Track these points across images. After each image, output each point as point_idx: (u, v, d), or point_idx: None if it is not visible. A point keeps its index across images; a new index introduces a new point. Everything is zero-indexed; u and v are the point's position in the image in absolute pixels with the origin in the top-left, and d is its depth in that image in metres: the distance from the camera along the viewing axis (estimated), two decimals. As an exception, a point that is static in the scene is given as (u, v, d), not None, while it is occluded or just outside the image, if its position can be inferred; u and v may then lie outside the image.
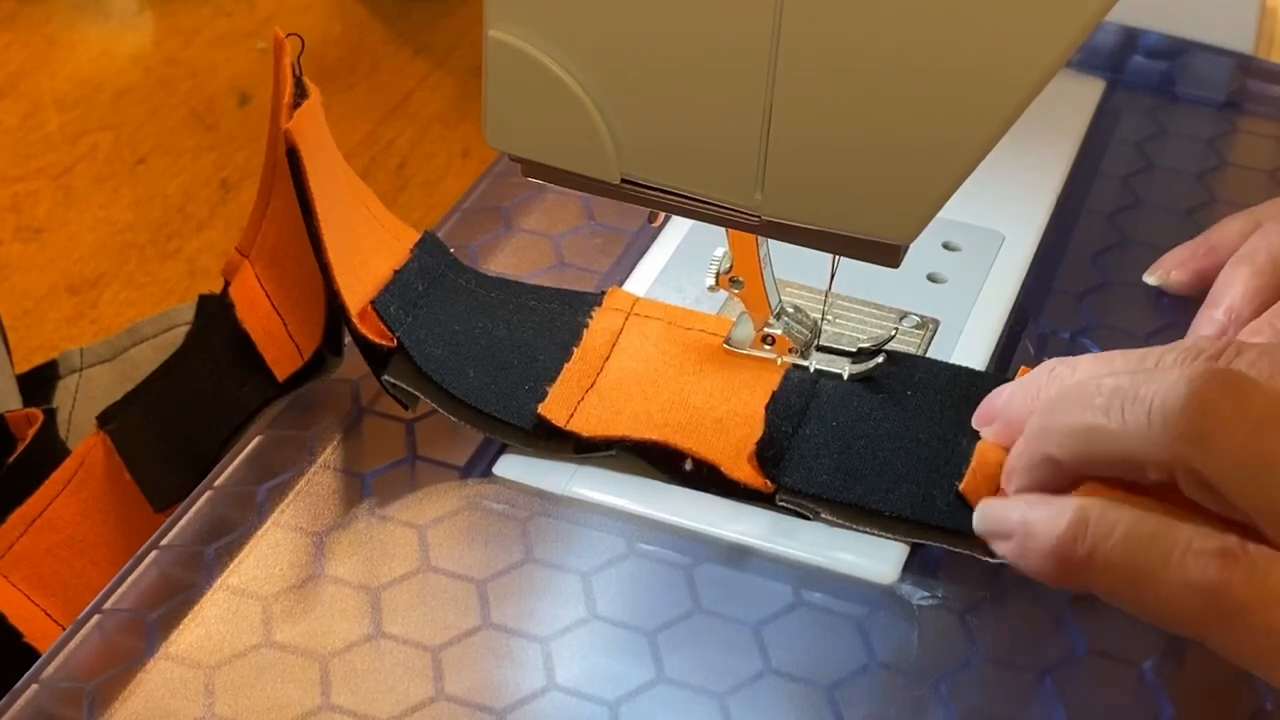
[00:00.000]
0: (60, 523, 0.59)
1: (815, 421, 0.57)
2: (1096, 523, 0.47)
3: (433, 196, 0.83)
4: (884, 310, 0.63)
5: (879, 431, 0.57)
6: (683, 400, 0.58)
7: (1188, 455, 0.46)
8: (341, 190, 0.60)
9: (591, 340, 0.60)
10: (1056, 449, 0.50)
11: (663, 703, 0.50)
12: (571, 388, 0.58)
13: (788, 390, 0.58)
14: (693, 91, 0.51)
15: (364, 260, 0.59)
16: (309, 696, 0.50)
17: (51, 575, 0.57)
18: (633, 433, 0.57)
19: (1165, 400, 0.47)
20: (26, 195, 0.82)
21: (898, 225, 0.51)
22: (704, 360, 0.60)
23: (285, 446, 0.58)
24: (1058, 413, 0.50)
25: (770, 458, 0.55)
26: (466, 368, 0.58)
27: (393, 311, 0.58)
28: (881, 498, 0.55)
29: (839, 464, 0.56)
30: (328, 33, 0.93)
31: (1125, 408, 0.47)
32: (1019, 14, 0.48)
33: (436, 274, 0.61)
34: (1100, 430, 0.48)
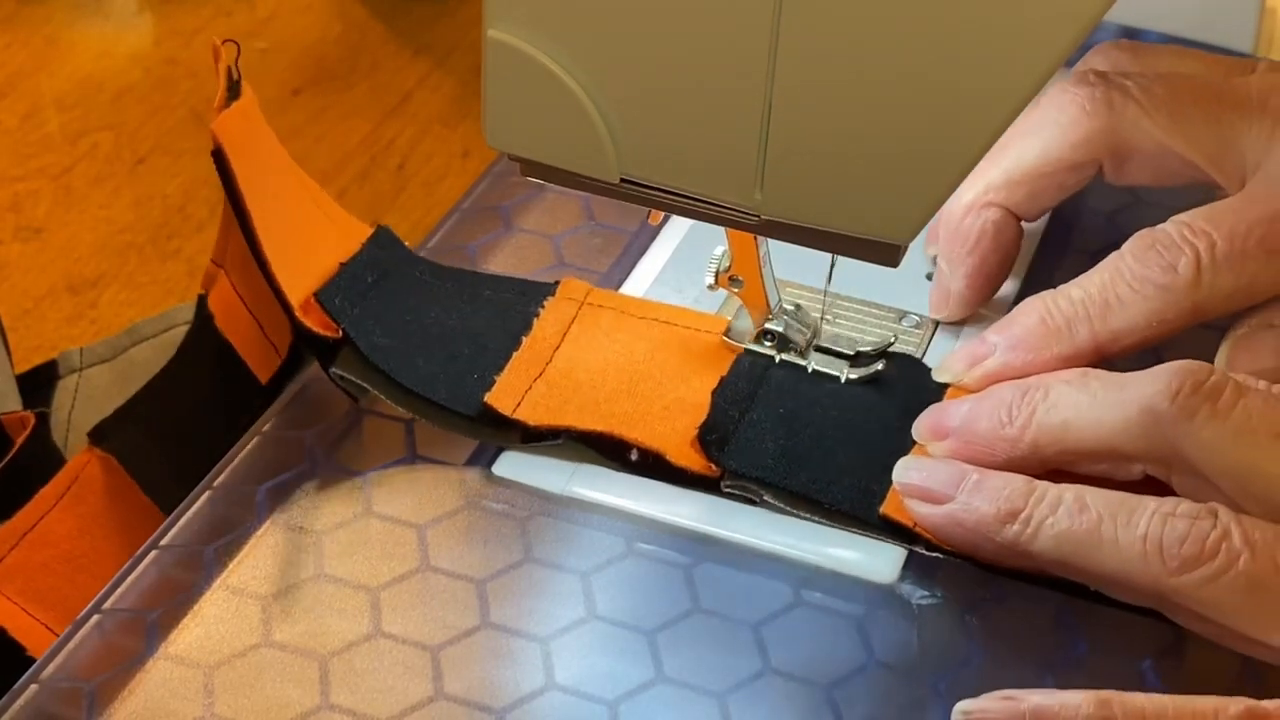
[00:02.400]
0: (55, 537, 0.59)
1: (762, 408, 0.57)
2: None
3: (433, 196, 0.83)
4: (883, 310, 0.63)
5: (825, 420, 0.57)
6: (631, 389, 0.58)
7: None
8: (287, 188, 0.61)
9: (542, 329, 0.60)
10: (1038, 440, 0.52)
11: (662, 702, 0.50)
12: (519, 376, 0.58)
13: (736, 376, 0.58)
14: (692, 91, 0.51)
15: (311, 255, 0.60)
16: (308, 696, 0.50)
17: (49, 589, 0.57)
18: (579, 423, 0.57)
19: (1150, 391, 0.49)
20: (26, 195, 0.82)
21: (897, 225, 0.51)
22: (655, 348, 0.60)
23: (285, 446, 0.58)
24: (1040, 410, 0.52)
25: (713, 441, 0.56)
26: (415, 358, 0.58)
27: (338, 303, 0.58)
28: (823, 488, 0.55)
29: (784, 450, 0.56)
30: (328, 33, 0.93)
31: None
32: (1018, 14, 0.48)
33: (387, 266, 0.61)
34: (1085, 421, 0.50)
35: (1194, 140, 0.58)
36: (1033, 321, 0.56)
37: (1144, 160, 0.60)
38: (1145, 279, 0.55)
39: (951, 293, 0.61)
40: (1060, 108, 0.60)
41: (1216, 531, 0.48)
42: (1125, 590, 0.50)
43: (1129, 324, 0.55)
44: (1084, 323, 0.55)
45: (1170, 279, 0.55)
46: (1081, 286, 0.56)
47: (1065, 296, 0.56)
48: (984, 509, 0.51)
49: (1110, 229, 0.67)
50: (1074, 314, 0.56)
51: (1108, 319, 0.55)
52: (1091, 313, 0.55)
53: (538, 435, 0.57)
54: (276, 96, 0.89)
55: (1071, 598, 0.52)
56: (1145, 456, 0.51)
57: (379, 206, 0.82)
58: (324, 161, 0.85)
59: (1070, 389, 0.52)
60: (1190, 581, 0.48)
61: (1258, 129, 0.57)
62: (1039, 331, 0.56)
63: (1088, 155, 0.60)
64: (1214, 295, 0.55)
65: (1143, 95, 0.59)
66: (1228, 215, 0.55)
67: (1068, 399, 0.52)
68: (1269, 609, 0.47)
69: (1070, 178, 0.61)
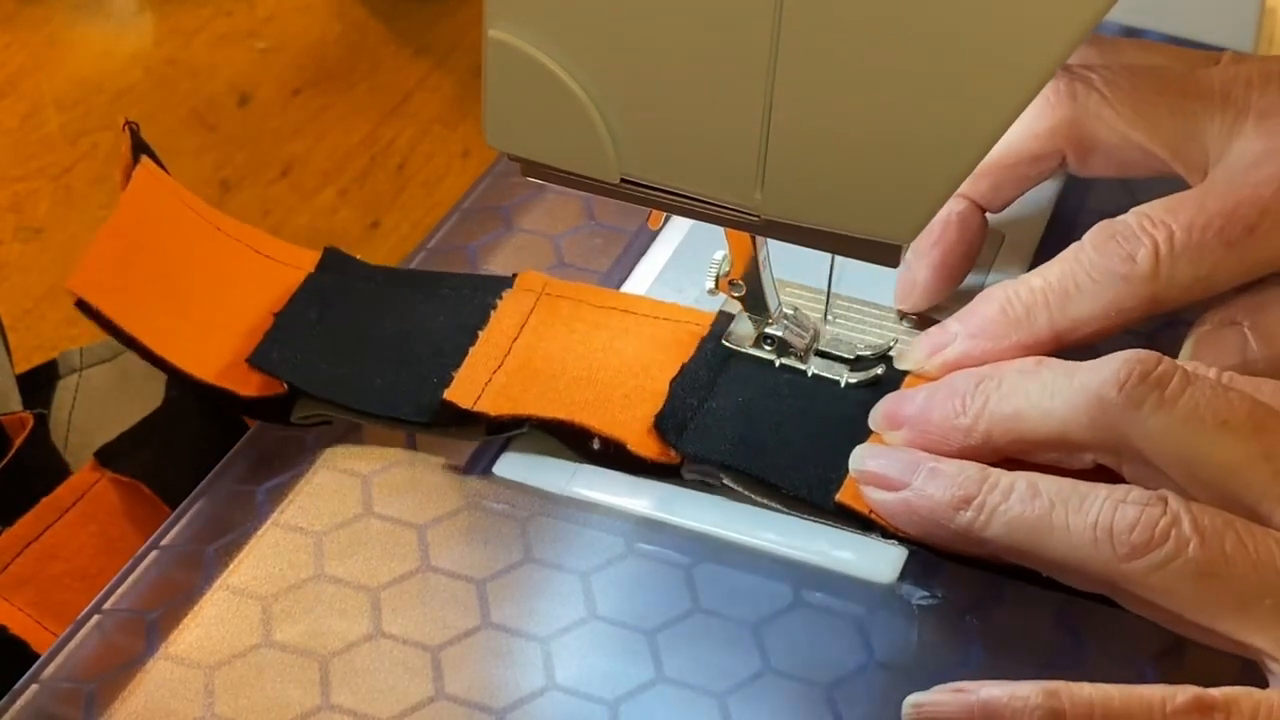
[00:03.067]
0: (67, 551, 0.59)
1: (722, 396, 0.57)
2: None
3: (433, 196, 0.83)
4: (884, 310, 0.63)
5: (784, 409, 0.57)
6: (591, 376, 0.58)
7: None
8: (206, 249, 0.62)
9: (499, 321, 0.60)
10: (990, 430, 0.52)
11: (662, 702, 0.50)
12: (478, 370, 0.58)
13: (697, 364, 0.58)
14: (692, 91, 0.51)
15: (242, 311, 0.61)
16: (309, 696, 0.50)
17: (63, 604, 0.56)
18: (540, 411, 0.57)
19: (1100, 377, 0.50)
20: (26, 195, 0.82)
21: (897, 225, 0.51)
22: (615, 336, 0.60)
23: (285, 447, 0.58)
24: (992, 399, 0.53)
25: (671, 428, 0.56)
26: (372, 377, 0.58)
27: (275, 358, 0.59)
28: (781, 474, 0.55)
29: (742, 436, 0.56)
30: (328, 33, 0.93)
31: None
32: (1018, 14, 0.48)
33: (334, 292, 0.61)
34: (1036, 411, 0.51)
35: (1157, 131, 0.58)
36: (993, 310, 0.57)
37: (1107, 152, 0.60)
38: (1104, 269, 0.55)
39: (917, 283, 0.62)
40: None
41: (1166, 518, 0.48)
42: (1076, 576, 0.50)
43: (1088, 313, 0.55)
44: (1043, 311, 0.56)
45: (1129, 269, 0.55)
46: (1042, 275, 0.56)
47: (1026, 285, 0.57)
48: (938, 495, 0.52)
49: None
50: (1033, 302, 0.56)
51: (1067, 308, 0.56)
52: (1051, 301, 0.56)
53: (502, 426, 0.57)
54: (276, 96, 0.89)
55: (1072, 598, 0.52)
56: (1095, 445, 0.51)
57: (379, 206, 0.82)
58: (324, 161, 0.85)
59: (1022, 378, 0.53)
60: (1140, 568, 0.48)
61: (1220, 120, 0.57)
62: (999, 320, 0.56)
63: (1051, 147, 0.60)
64: (1172, 286, 0.55)
65: (1106, 87, 0.59)
66: (1187, 206, 0.55)
67: (1019, 388, 0.53)
68: (1217, 595, 0.47)
69: (1033, 169, 0.62)
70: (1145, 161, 0.60)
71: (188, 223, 0.63)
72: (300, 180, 0.84)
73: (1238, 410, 0.49)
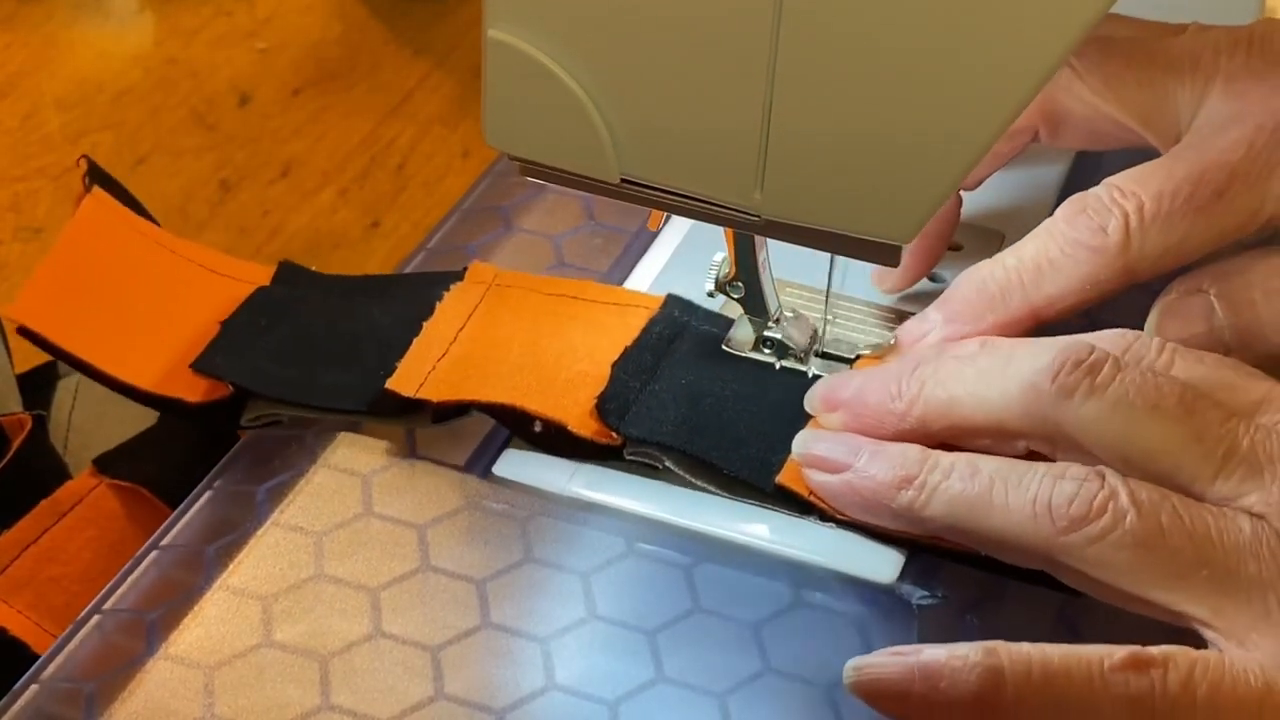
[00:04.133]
0: (66, 555, 0.59)
1: (665, 379, 0.57)
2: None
3: (433, 196, 0.83)
4: (883, 310, 0.63)
5: (726, 393, 0.57)
6: (535, 361, 0.58)
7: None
8: (156, 266, 0.63)
9: (445, 312, 0.60)
10: (925, 415, 0.52)
11: (662, 702, 0.50)
12: (421, 359, 0.58)
13: (641, 349, 0.58)
14: (692, 91, 0.51)
15: (188, 325, 0.61)
16: (309, 696, 0.50)
17: (62, 606, 0.57)
18: (481, 396, 0.57)
19: (1033, 367, 0.50)
20: (26, 195, 0.82)
21: (897, 225, 0.51)
22: (561, 322, 0.60)
23: (285, 446, 0.58)
24: (928, 385, 0.53)
25: (613, 411, 0.56)
26: (320, 374, 0.59)
27: (219, 362, 0.59)
28: (723, 455, 0.55)
29: (685, 418, 0.56)
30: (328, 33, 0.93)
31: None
32: (1018, 14, 0.48)
33: (285, 301, 0.62)
34: (971, 398, 0.51)
35: (1126, 102, 0.58)
36: (969, 292, 0.57)
37: (1078, 124, 0.60)
38: (1076, 242, 0.55)
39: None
40: None
41: (1104, 492, 0.48)
42: (1015, 553, 0.50)
43: (1062, 288, 0.55)
44: (1018, 290, 0.56)
45: (1100, 241, 0.55)
46: (1015, 254, 0.57)
47: (1000, 265, 0.57)
48: (880, 476, 0.52)
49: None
50: (1008, 281, 0.56)
51: (1041, 284, 0.56)
52: (1025, 279, 0.56)
53: (445, 413, 0.57)
54: (276, 96, 0.89)
55: (1072, 598, 0.52)
56: (1029, 433, 0.51)
57: (379, 206, 0.82)
58: (324, 161, 0.85)
59: (959, 365, 0.53)
60: (1077, 540, 0.48)
61: (1189, 87, 0.57)
62: (976, 301, 0.57)
63: (1023, 122, 0.60)
64: (1144, 256, 0.55)
65: (1075, 59, 0.59)
66: (1156, 175, 0.55)
67: (955, 375, 0.53)
68: (1154, 567, 0.48)
69: (1006, 145, 0.62)
70: (1116, 132, 0.60)
71: (137, 247, 0.64)
72: (300, 180, 0.84)
73: (1167, 394, 0.50)
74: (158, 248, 0.64)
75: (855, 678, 0.47)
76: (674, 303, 0.60)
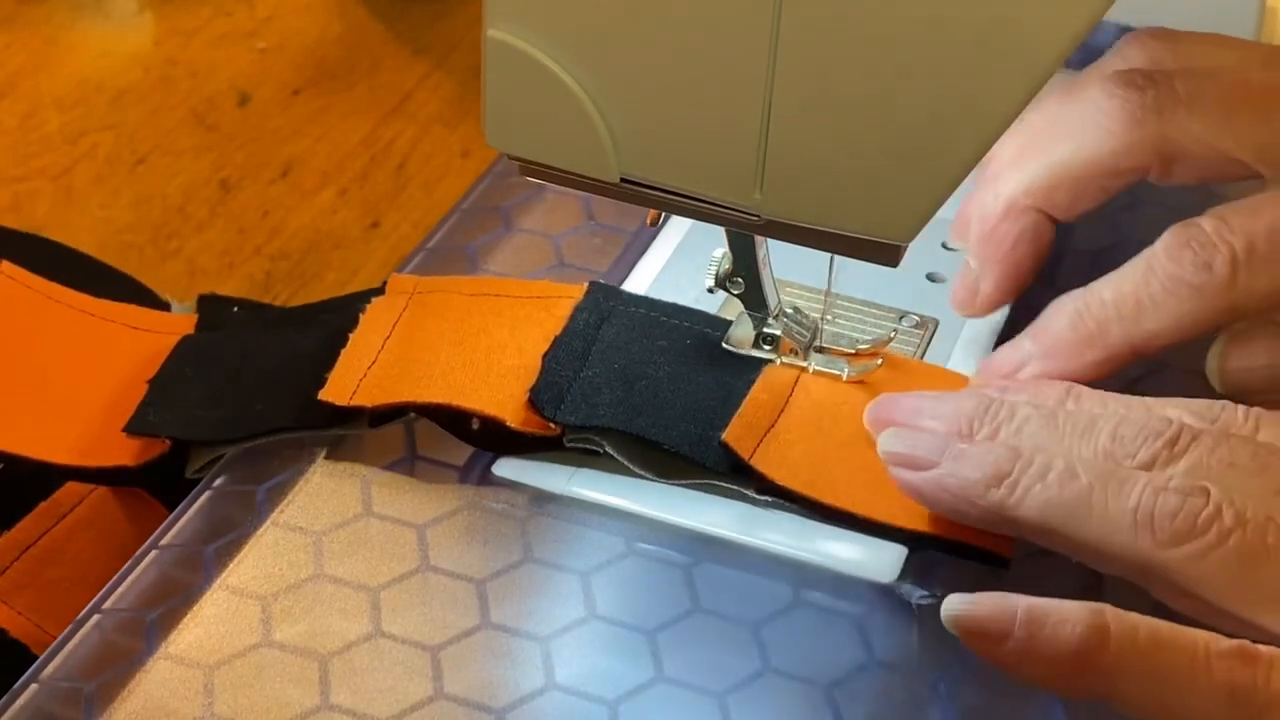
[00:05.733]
0: (66, 556, 0.59)
1: (598, 365, 0.57)
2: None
3: (432, 196, 0.83)
4: (883, 310, 0.63)
5: (660, 374, 0.57)
6: (466, 360, 0.58)
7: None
8: (72, 334, 0.62)
9: (369, 322, 0.60)
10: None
11: (662, 702, 0.50)
12: (350, 369, 0.58)
13: (570, 336, 0.58)
14: (692, 91, 0.51)
15: (107, 383, 0.60)
16: (308, 696, 0.50)
17: (62, 607, 0.57)
18: (416, 397, 0.57)
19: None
20: (26, 195, 0.82)
21: (897, 225, 0.51)
22: (489, 320, 0.60)
23: (285, 446, 0.58)
24: (1004, 432, 0.52)
25: (548, 401, 0.56)
26: (252, 405, 0.58)
27: (152, 419, 0.59)
28: (662, 433, 0.55)
29: (621, 400, 0.56)
30: (328, 33, 0.93)
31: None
32: (1017, 14, 0.48)
33: (209, 346, 0.62)
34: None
35: (1244, 139, 0.57)
36: (1064, 326, 0.56)
37: (1192, 162, 0.59)
38: (1179, 279, 0.54)
39: (980, 293, 0.61)
40: (1107, 113, 0.59)
41: (1209, 509, 0.47)
42: (1108, 561, 0.49)
43: (1163, 326, 0.54)
44: (1116, 325, 0.55)
45: (1205, 279, 0.54)
46: (1113, 287, 0.55)
47: (1096, 298, 0.55)
48: (969, 474, 0.51)
49: (1110, 229, 0.67)
50: (1106, 317, 0.55)
51: (1141, 321, 0.55)
52: (1124, 314, 0.55)
53: (383, 416, 0.57)
54: (276, 96, 0.89)
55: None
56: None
57: (379, 206, 0.82)
58: (324, 161, 0.85)
59: (1036, 420, 0.52)
60: (1179, 555, 0.47)
61: None
62: (1072, 337, 0.55)
63: (1137, 161, 0.59)
64: (1250, 295, 0.54)
65: (1191, 97, 0.58)
66: (1266, 212, 0.54)
67: (1032, 432, 0.52)
68: (1257, 586, 0.47)
69: (1115, 182, 0.60)
70: (1230, 170, 0.58)
71: (53, 319, 0.63)
72: (300, 180, 0.84)
73: (1241, 454, 0.49)
74: (75, 314, 0.63)
75: (956, 611, 0.47)
76: (598, 289, 0.60)
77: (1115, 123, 0.58)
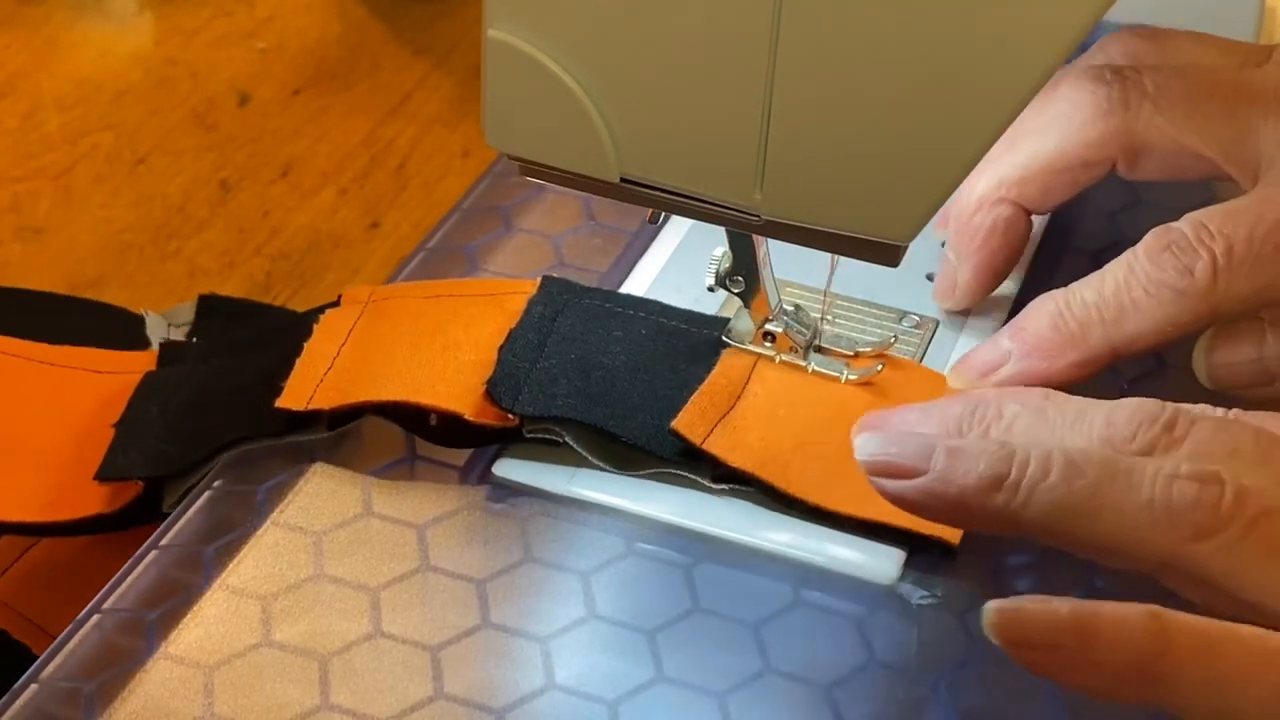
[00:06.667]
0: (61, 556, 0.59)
1: (554, 355, 0.58)
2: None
3: (432, 196, 0.83)
4: (884, 310, 0.63)
5: (616, 364, 0.58)
6: (422, 359, 0.58)
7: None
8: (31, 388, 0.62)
9: (324, 330, 0.60)
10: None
11: (662, 702, 0.50)
12: (306, 376, 0.58)
13: (525, 329, 0.58)
14: (692, 91, 0.51)
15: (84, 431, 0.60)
16: (308, 696, 0.50)
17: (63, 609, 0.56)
18: (373, 396, 0.57)
19: (1108, 434, 0.48)
20: (26, 195, 0.82)
21: (897, 225, 0.51)
22: (445, 319, 0.60)
23: (285, 446, 0.58)
24: (994, 432, 0.51)
25: (505, 392, 0.56)
26: (217, 428, 0.58)
27: (122, 463, 0.58)
28: (619, 424, 0.55)
29: (579, 389, 0.56)
30: (328, 33, 0.93)
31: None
32: (1018, 14, 0.48)
33: (171, 382, 0.61)
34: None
35: (1209, 136, 0.58)
36: (1045, 326, 0.56)
37: (1158, 157, 0.59)
38: (1160, 282, 0.54)
39: (958, 284, 0.62)
40: (1076, 105, 0.59)
41: (1228, 498, 0.46)
42: (1123, 558, 0.47)
43: (1143, 328, 0.55)
44: (1098, 327, 0.55)
45: (1186, 283, 0.54)
46: (1095, 288, 0.55)
47: (1078, 298, 0.55)
48: (964, 479, 0.48)
49: (1111, 229, 0.67)
50: (1088, 318, 0.55)
51: (1122, 324, 0.55)
52: (1105, 317, 0.55)
53: (341, 419, 0.57)
54: (276, 96, 0.89)
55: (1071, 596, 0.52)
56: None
57: (379, 206, 0.82)
58: (324, 161, 0.85)
59: (1026, 415, 0.51)
60: (1206, 550, 0.46)
61: (1274, 123, 0.57)
62: (1053, 338, 0.55)
63: (1103, 154, 0.60)
64: (1230, 299, 0.54)
65: (1158, 92, 0.58)
66: (1245, 217, 0.54)
67: (1023, 426, 0.51)
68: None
69: (1084, 175, 0.61)
70: (1197, 166, 0.59)
71: (7, 372, 0.62)
72: (300, 180, 0.84)
73: (1244, 440, 0.48)
74: (33, 366, 0.63)
75: (998, 619, 0.44)
76: (551, 283, 0.61)
77: (1083, 116, 0.59)
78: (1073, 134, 0.59)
